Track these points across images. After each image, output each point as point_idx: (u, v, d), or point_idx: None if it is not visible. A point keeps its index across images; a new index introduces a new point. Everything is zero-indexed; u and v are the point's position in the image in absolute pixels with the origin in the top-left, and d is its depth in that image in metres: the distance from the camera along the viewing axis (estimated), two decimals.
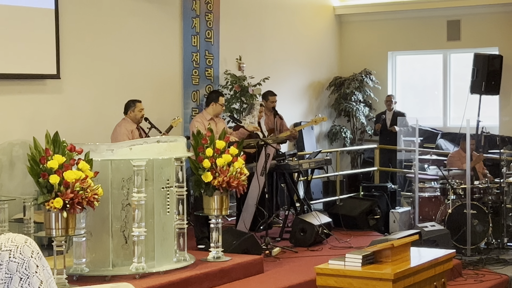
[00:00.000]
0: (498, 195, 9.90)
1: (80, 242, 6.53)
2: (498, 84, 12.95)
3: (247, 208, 8.95)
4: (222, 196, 7.21)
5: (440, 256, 6.10)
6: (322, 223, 9.15)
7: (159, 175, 6.86)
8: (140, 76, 10.56)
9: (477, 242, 9.53)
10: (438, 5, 13.86)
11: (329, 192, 12.89)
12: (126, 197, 6.69)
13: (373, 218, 10.42)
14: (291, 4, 13.58)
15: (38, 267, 3.03)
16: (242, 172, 7.24)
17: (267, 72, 12.14)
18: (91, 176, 6.04)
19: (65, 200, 5.82)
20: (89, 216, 6.58)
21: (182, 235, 7.03)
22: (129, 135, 8.92)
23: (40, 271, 3.04)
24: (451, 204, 9.76)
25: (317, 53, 14.29)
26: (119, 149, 6.58)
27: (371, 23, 14.72)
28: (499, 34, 13.45)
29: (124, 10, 10.36)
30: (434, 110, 14.45)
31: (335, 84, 14.37)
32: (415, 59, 14.86)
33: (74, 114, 9.65)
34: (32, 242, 3.08)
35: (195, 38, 11.43)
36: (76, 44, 9.70)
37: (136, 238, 6.52)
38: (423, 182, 10.63)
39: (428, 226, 9.01)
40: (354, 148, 14.04)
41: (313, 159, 10.12)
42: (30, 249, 3.05)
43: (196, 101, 11.47)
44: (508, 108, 13.32)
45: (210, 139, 7.17)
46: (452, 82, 14.26)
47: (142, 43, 10.63)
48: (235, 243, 7.72)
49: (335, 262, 5.64)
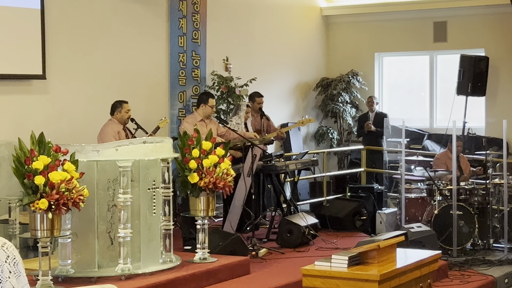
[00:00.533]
0: (484, 196, 9.93)
1: (66, 243, 6.50)
2: (484, 85, 12.99)
3: (233, 209, 8.94)
4: (209, 197, 7.20)
5: (426, 257, 6.12)
6: (308, 224, 9.15)
7: (145, 176, 6.83)
8: (126, 76, 10.53)
9: (463, 243, 9.55)
10: (425, 6, 13.89)
11: (316, 193, 12.88)
12: (112, 198, 6.66)
13: (359, 219, 10.43)
14: (278, 5, 13.58)
15: (11, 273, 2.98)
16: (228, 173, 7.23)
17: (254, 73, 12.13)
18: (76, 177, 6.01)
19: (50, 201, 5.79)
20: (75, 217, 6.55)
21: (168, 236, 7.01)
22: (116, 136, 8.90)
23: (13, 277, 2.99)
24: (437, 205, 9.79)
25: (304, 54, 14.30)
26: (105, 150, 6.56)
27: (358, 24, 14.74)
28: (486, 36, 13.49)
29: (110, 10, 10.33)
30: (421, 111, 14.48)
31: (322, 85, 14.38)
32: (401, 61, 14.89)
33: (60, 114, 9.61)
34: (10, 247, 3.03)
35: (182, 38, 11.41)
36: (62, 45, 9.66)
37: (122, 239, 6.50)
38: (409, 183, 10.65)
39: (414, 227, 9.02)
40: (341, 149, 14.06)
41: (300, 160, 10.12)
42: (6, 254, 3.00)
43: (182, 101, 11.45)
44: (494, 110, 13.37)
45: (196, 140, 7.16)
46: (438, 84, 14.30)
47: (129, 44, 10.60)
48: (222, 244, 7.71)
49: (321, 263, 5.64)
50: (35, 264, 6.25)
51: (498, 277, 8.44)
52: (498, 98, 13.39)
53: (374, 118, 13.23)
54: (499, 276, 8.49)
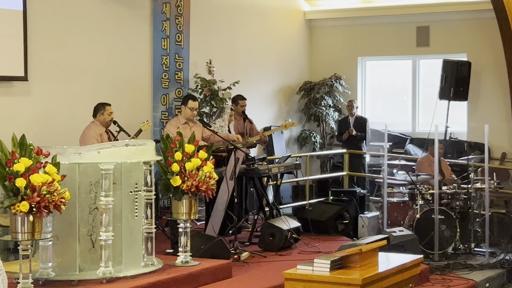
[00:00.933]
0: (466, 201, 9.98)
1: (47, 246, 6.46)
2: (466, 90, 13.05)
3: (216, 212, 8.92)
4: (191, 200, 7.18)
5: (408, 262, 6.13)
6: (291, 227, 9.15)
7: (127, 179, 6.81)
8: (109, 79, 10.50)
9: (445, 247, 9.59)
10: (408, 11, 13.94)
11: (299, 197, 12.89)
12: (93, 201, 6.64)
13: (342, 222, 10.45)
14: (261, 9, 13.58)
15: None
16: (211, 176, 7.21)
17: (237, 76, 12.12)
18: (58, 179, 5.98)
19: (31, 204, 5.75)
20: (56, 220, 6.51)
21: (150, 239, 6.98)
22: (98, 138, 8.86)
23: None
24: (419, 209, 9.83)
25: (287, 58, 14.31)
26: (87, 153, 6.52)
27: (341, 28, 14.76)
28: (468, 41, 13.56)
29: (93, 12, 10.29)
30: (403, 116, 14.52)
31: (305, 88, 14.39)
32: (384, 65, 14.93)
33: (42, 116, 9.56)
34: None
35: (165, 41, 11.39)
36: (45, 46, 9.61)
37: (103, 242, 6.46)
38: (391, 187, 10.68)
39: (396, 231, 9.05)
40: (324, 152, 14.06)
41: (282, 163, 10.11)
42: None
43: (165, 104, 11.42)
44: (476, 114, 13.43)
45: (179, 143, 7.14)
46: (421, 88, 14.35)
47: (112, 46, 10.57)
48: (204, 248, 7.69)
49: (303, 267, 5.64)
50: (15, 267, 6.21)
51: (479, 281, 8.48)
52: (480, 103, 13.45)
53: (354, 122, 13.25)
54: (480, 280, 8.52)
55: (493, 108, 13.27)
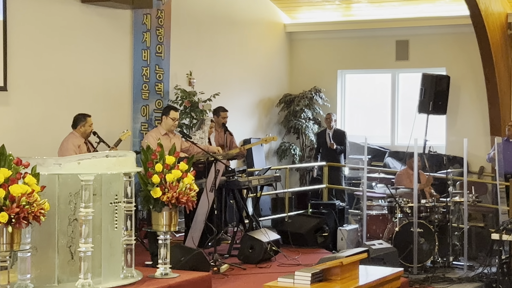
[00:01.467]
0: (444, 214, 10.02)
1: (25, 257, 6.39)
2: (445, 104, 13.14)
3: (196, 224, 8.89)
4: (171, 212, 7.14)
5: (388, 275, 6.15)
6: (270, 240, 9.15)
7: (107, 190, 6.77)
8: (89, 89, 10.46)
9: (424, 260, 9.62)
10: (387, 25, 14.02)
11: (278, 209, 12.89)
12: (73, 212, 6.59)
13: (321, 235, 10.46)
14: (242, 21, 13.61)
15: None
16: (191, 188, 7.19)
17: (217, 88, 12.12)
18: (37, 190, 5.93)
19: (10, 215, 5.70)
20: (35, 231, 6.45)
21: (130, 251, 6.94)
22: (76, 150, 8.81)
23: None
24: (398, 222, 9.85)
25: (267, 70, 14.33)
26: (67, 163, 6.48)
27: (321, 41, 14.82)
28: (447, 55, 13.65)
29: (74, 23, 10.25)
30: (382, 129, 14.57)
31: (285, 101, 14.41)
32: (364, 78, 14.98)
33: (21, 127, 9.50)
34: None
35: (145, 52, 11.37)
36: (24, 57, 9.56)
37: (82, 254, 6.41)
38: (370, 200, 10.71)
39: (375, 244, 9.07)
40: (304, 165, 14.08)
41: (262, 175, 10.11)
42: None
43: (145, 115, 11.39)
44: (454, 128, 13.51)
45: (159, 154, 7.11)
46: (400, 101, 14.41)
47: (92, 56, 10.53)
48: (183, 260, 7.66)
49: (284, 279, 5.64)
50: None
51: None
52: (458, 117, 13.53)
53: (332, 135, 13.27)
54: None
55: (472, 122, 13.36)
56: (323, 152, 13.37)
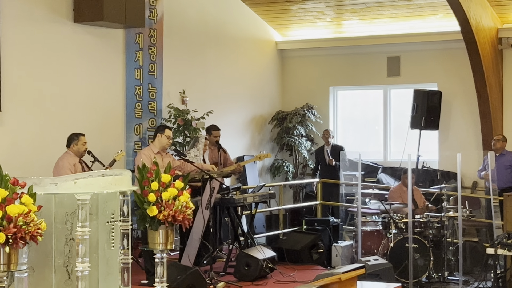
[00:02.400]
0: (439, 229, 10.04)
1: (22, 277, 6.35)
2: (437, 119, 13.20)
3: (191, 242, 8.89)
4: (167, 230, 7.11)
5: None
6: (266, 257, 9.14)
7: (103, 209, 6.74)
8: (82, 108, 10.47)
9: (419, 276, 9.63)
10: (379, 41, 14.09)
11: (272, 226, 12.88)
12: (69, 231, 6.55)
13: (316, 252, 10.45)
14: (234, 39, 13.66)
15: None
16: (187, 206, 7.17)
17: (210, 105, 12.15)
18: (34, 210, 5.91)
19: (7, 235, 5.68)
20: (32, 251, 6.42)
21: (127, 270, 6.90)
22: (72, 169, 8.80)
23: None
24: (393, 238, 9.87)
25: (259, 88, 14.38)
26: (63, 183, 6.45)
27: (313, 58, 14.88)
28: (438, 71, 13.73)
29: (66, 42, 10.27)
30: (375, 145, 14.62)
31: (277, 118, 14.45)
32: (356, 94, 15.04)
33: (15, 147, 9.49)
34: None
35: (138, 71, 11.39)
36: (18, 77, 9.57)
37: (79, 274, 6.37)
38: (364, 216, 10.73)
39: (371, 260, 9.08)
40: (297, 182, 14.09)
41: (257, 193, 10.12)
42: None
43: (139, 134, 11.40)
44: (447, 143, 13.56)
45: (155, 172, 7.11)
46: (392, 117, 14.47)
47: (85, 76, 10.55)
48: (180, 278, 7.65)
49: None
50: None
51: None
52: (451, 132, 13.59)
53: (331, 151, 13.27)
54: None
55: (464, 137, 13.42)
56: (322, 169, 13.37)
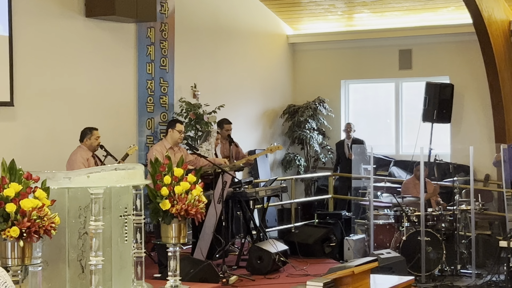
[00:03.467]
0: (451, 222, 10.02)
1: (36, 271, 6.38)
2: (450, 112, 13.15)
3: (204, 236, 8.90)
4: (180, 224, 7.14)
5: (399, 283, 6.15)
6: (278, 250, 9.14)
7: (116, 203, 6.77)
8: (94, 103, 10.49)
9: (431, 269, 9.61)
10: (390, 34, 14.06)
11: (284, 220, 12.89)
12: (83, 225, 6.59)
13: (328, 245, 10.45)
14: (245, 33, 13.65)
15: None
16: (200, 199, 7.19)
17: (222, 99, 12.15)
18: (48, 204, 5.94)
19: (21, 229, 5.71)
20: (45, 245, 6.46)
21: (140, 263, 6.94)
22: (85, 163, 8.83)
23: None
24: (405, 231, 9.85)
25: (271, 81, 14.37)
26: (76, 177, 6.49)
27: (324, 51, 14.86)
28: (450, 63, 13.69)
29: (78, 37, 10.29)
30: (387, 138, 14.60)
31: (289, 112, 14.45)
32: (367, 88, 15.02)
33: (28, 142, 9.53)
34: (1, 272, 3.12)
35: (150, 65, 11.40)
36: (30, 72, 9.60)
37: (93, 267, 6.41)
38: (377, 210, 10.71)
39: (384, 253, 9.07)
40: (309, 175, 14.09)
41: (269, 186, 10.13)
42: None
43: (150, 128, 11.42)
44: (459, 136, 13.53)
45: (168, 166, 7.13)
46: (404, 111, 14.44)
47: (97, 71, 10.57)
48: (193, 272, 7.67)
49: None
50: None
51: None
52: (463, 125, 13.56)
53: (351, 145, 13.26)
54: None
55: (476, 130, 13.37)
56: (342, 163, 13.38)
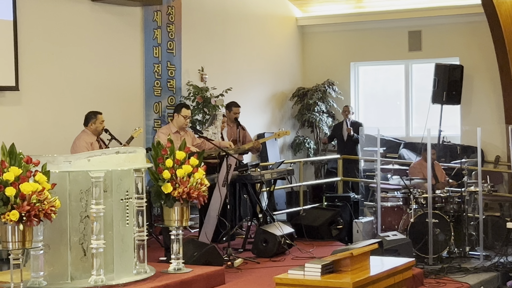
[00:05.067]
0: (460, 204, 9.95)
1: (38, 255, 6.43)
2: (459, 94, 13.07)
3: (208, 219, 8.90)
4: (183, 207, 7.15)
5: (400, 265, 6.12)
6: (284, 233, 9.12)
7: (118, 186, 6.78)
8: (101, 87, 10.49)
9: (439, 251, 9.56)
10: (399, 16, 13.96)
11: (293, 203, 12.87)
12: (84, 209, 6.61)
13: (335, 228, 10.42)
14: (253, 15, 13.59)
15: None
16: (202, 182, 7.19)
17: (229, 83, 12.12)
18: (48, 188, 5.95)
19: (21, 213, 5.73)
20: (47, 229, 6.49)
21: (142, 247, 6.95)
22: (89, 147, 8.84)
23: None
24: (413, 214, 9.80)
25: (280, 64, 14.32)
26: (77, 161, 6.50)
27: (334, 34, 14.78)
28: (460, 45, 13.58)
29: (84, 21, 10.29)
30: (397, 120, 14.53)
31: (298, 95, 14.39)
32: (377, 70, 14.94)
33: (33, 126, 9.55)
34: None
35: (156, 49, 11.38)
36: (35, 56, 9.61)
37: (95, 251, 6.44)
38: (385, 192, 10.66)
39: (389, 235, 9.03)
40: (317, 158, 14.06)
41: (275, 169, 10.10)
42: None
43: (158, 112, 11.41)
44: (469, 118, 13.44)
45: (170, 150, 7.12)
46: (414, 92, 14.36)
47: (103, 55, 10.56)
48: (196, 255, 7.67)
49: (294, 272, 5.63)
50: (7, 277, 6.19)
51: (473, 285, 8.45)
52: (473, 106, 13.47)
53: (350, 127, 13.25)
54: (474, 283, 8.50)
55: (486, 111, 13.28)
56: (339, 145, 13.36)
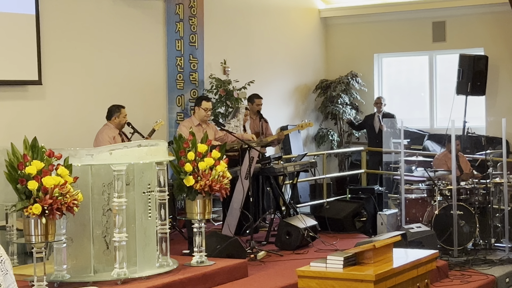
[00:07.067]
0: (485, 196, 9.87)
1: (61, 248, 6.46)
2: (484, 84, 12.95)
3: (231, 212, 8.90)
4: (205, 200, 7.15)
5: (423, 257, 6.06)
6: (307, 226, 9.10)
7: (140, 179, 6.79)
8: (123, 81, 10.51)
9: (464, 243, 9.49)
10: (423, 6, 13.86)
11: (316, 195, 12.84)
12: (107, 202, 6.63)
13: (359, 220, 10.37)
14: (276, 7, 13.54)
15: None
16: (224, 175, 7.18)
17: (252, 75, 12.09)
18: (70, 181, 5.97)
19: (44, 206, 5.75)
20: (70, 222, 6.51)
21: (165, 239, 6.96)
22: (112, 141, 8.85)
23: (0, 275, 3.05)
24: (437, 205, 9.73)
25: (303, 56, 14.26)
26: (98, 154, 6.51)
27: (357, 25, 14.70)
28: (484, 35, 13.45)
29: (106, 15, 10.31)
30: (421, 112, 14.43)
31: (321, 87, 14.34)
32: (401, 61, 14.84)
33: (57, 120, 9.59)
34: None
35: (179, 42, 11.38)
36: (58, 50, 9.64)
37: (117, 244, 6.45)
38: (410, 184, 10.59)
39: (414, 227, 8.98)
40: (341, 150, 14.00)
41: (298, 162, 10.07)
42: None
43: (181, 105, 11.42)
44: (494, 109, 13.31)
45: (191, 142, 7.12)
46: (438, 83, 14.25)
47: (125, 48, 10.58)
48: (219, 247, 7.66)
49: (316, 264, 5.60)
50: (30, 270, 6.22)
51: (499, 277, 8.38)
52: (498, 97, 13.34)
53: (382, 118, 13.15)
54: (500, 275, 8.43)
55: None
56: (371, 136, 13.28)
